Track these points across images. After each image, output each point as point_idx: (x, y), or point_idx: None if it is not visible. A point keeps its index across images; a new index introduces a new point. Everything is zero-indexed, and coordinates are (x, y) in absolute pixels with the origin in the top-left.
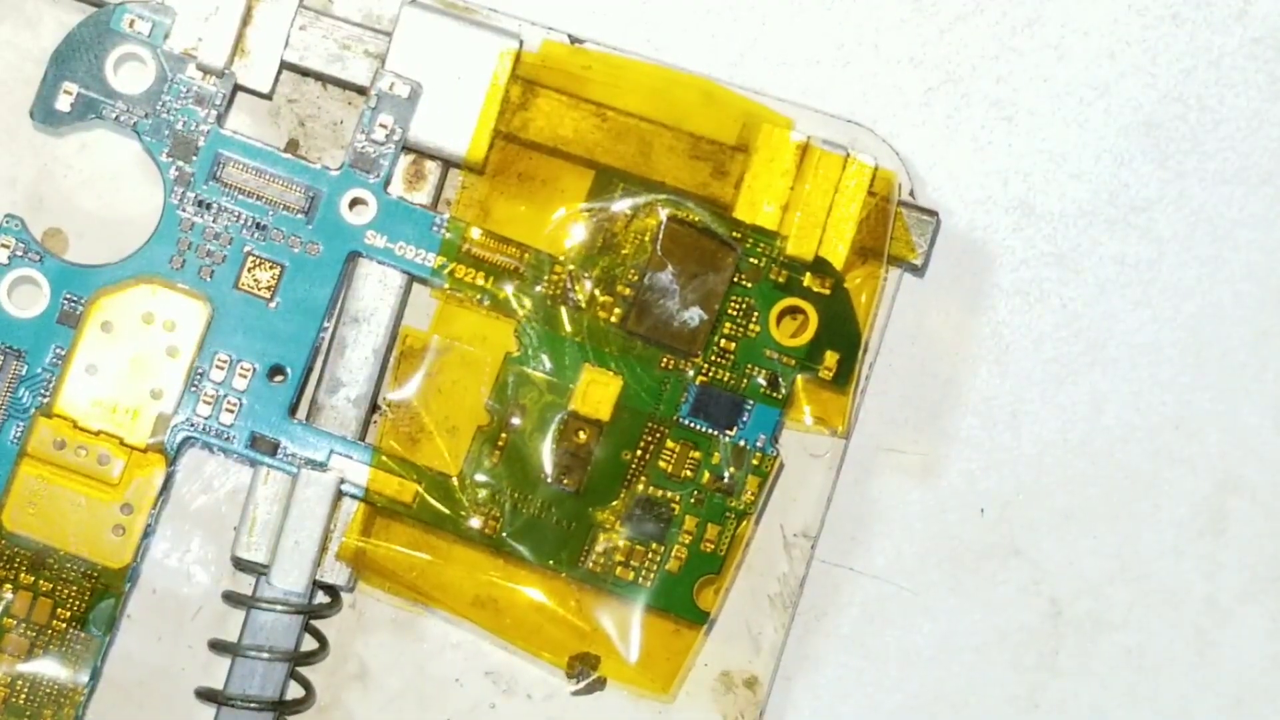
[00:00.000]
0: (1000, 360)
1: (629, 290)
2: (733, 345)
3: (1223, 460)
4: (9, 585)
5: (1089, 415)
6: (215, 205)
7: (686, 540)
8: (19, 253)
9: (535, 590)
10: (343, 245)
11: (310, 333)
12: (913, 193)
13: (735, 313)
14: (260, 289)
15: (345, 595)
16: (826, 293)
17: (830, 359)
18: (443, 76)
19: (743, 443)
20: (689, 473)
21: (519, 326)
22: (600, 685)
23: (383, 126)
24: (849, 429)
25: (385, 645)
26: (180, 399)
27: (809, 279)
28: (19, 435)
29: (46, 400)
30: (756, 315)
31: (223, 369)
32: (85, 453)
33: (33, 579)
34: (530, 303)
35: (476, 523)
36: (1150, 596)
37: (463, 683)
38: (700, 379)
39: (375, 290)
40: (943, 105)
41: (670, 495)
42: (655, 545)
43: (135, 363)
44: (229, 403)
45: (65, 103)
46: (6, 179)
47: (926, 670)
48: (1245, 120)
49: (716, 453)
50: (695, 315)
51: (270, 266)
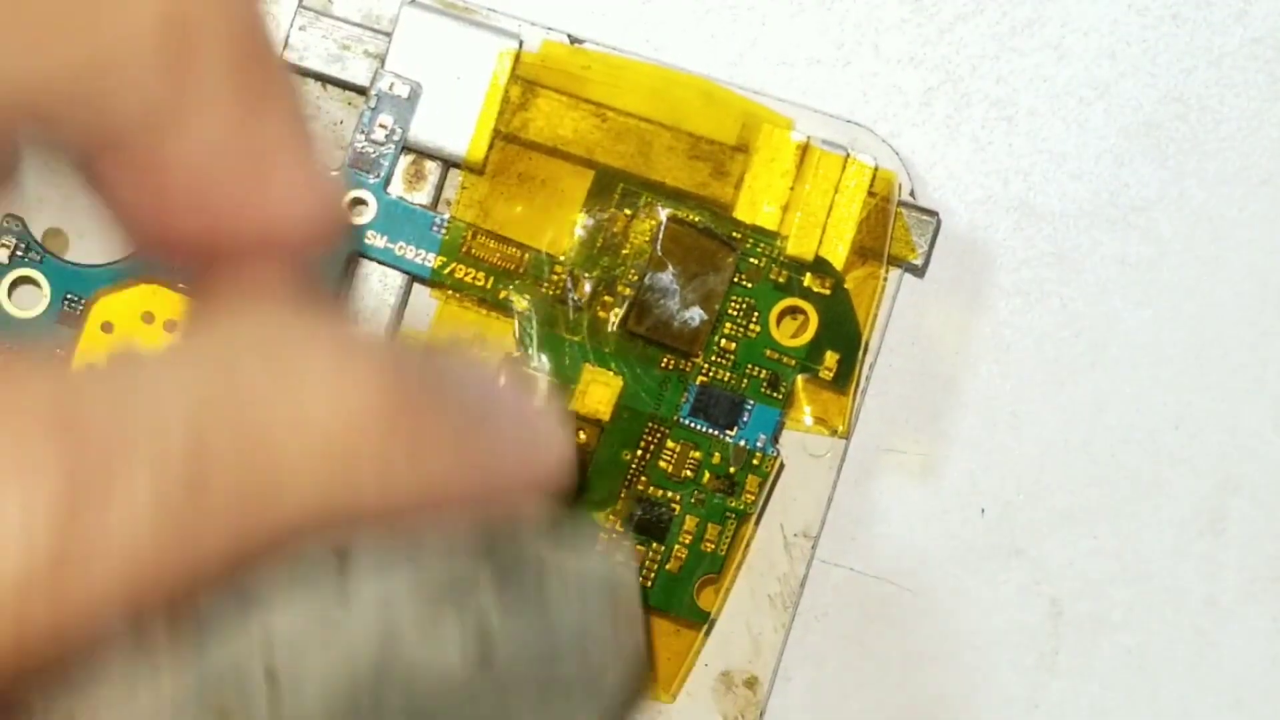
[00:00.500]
0: (1000, 360)
1: (629, 290)
2: (733, 345)
3: (1223, 460)
4: None
5: (1089, 415)
6: None
7: (686, 540)
8: (19, 253)
9: None
10: (343, 246)
11: None
12: (913, 193)
13: (735, 313)
14: None
15: None
16: (826, 293)
17: (830, 359)
18: (442, 77)
19: (743, 443)
20: (689, 473)
21: (519, 327)
22: None
23: (382, 127)
24: (849, 429)
25: None
26: None
27: (809, 279)
28: None
29: None
30: (756, 315)
31: None
32: None
33: None
34: (530, 303)
35: None
36: (1150, 596)
37: None
38: (700, 379)
39: (375, 291)
40: (943, 105)
41: (670, 495)
42: (655, 545)
43: None
44: None
45: None
46: (6, 179)
47: (926, 670)
48: (1245, 120)
49: (717, 453)
50: (695, 315)
51: None
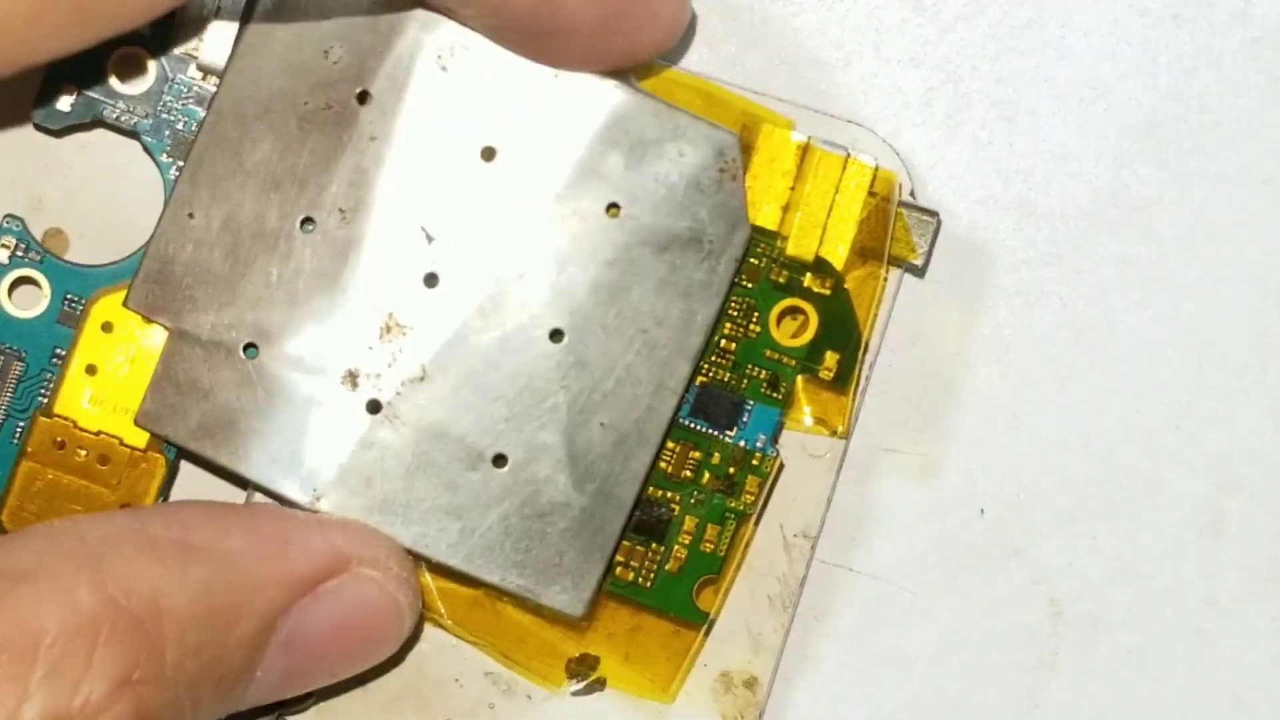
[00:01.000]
0: (1000, 360)
1: None
2: (733, 345)
3: (1223, 460)
4: None
5: (1089, 415)
6: None
7: (686, 540)
8: (19, 253)
9: None
10: None
11: None
12: (913, 193)
13: (735, 313)
14: None
15: None
16: (826, 293)
17: (830, 359)
18: None
19: (743, 443)
20: (689, 473)
21: None
22: (600, 686)
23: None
24: (849, 429)
25: None
26: None
27: (809, 279)
28: (19, 435)
29: (46, 400)
30: (756, 315)
31: None
32: (85, 453)
33: None
34: None
35: None
36: (1150, 596)
37: (462, 683)
38: (700, 379)
39: None
40: (943, 105)
41: (670, 495)
42: (655, 545)
43: (135, 363)
44: None
45: (65, 103)
46: (6, 179)
47: (926, 670)
48: (1245, 120)
49: (717, 453)
50: None
51: None
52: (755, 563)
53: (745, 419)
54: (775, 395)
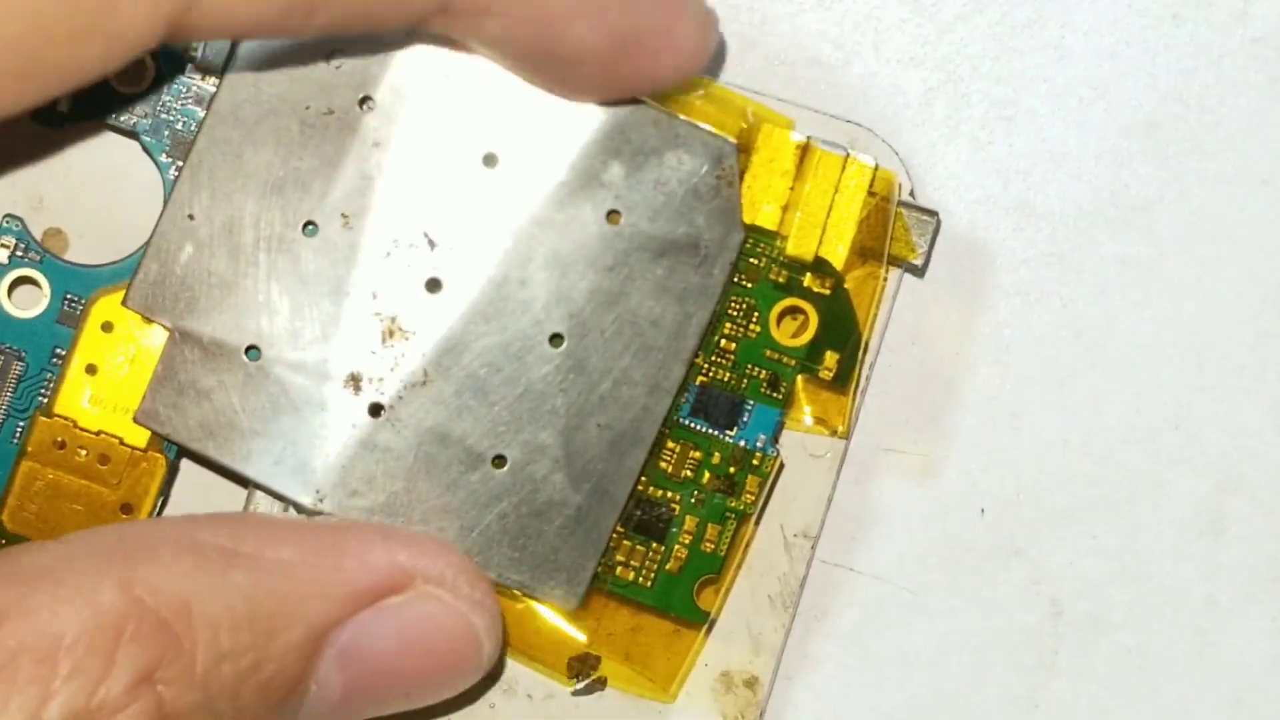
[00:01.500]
0: (1000, 360)
1: None
2: (733, 345)
3: (1223, 460)
4: None
5: (1089, 415)
6: None
7: (686, 540)
8: (19, 253)
9: None
10: None
11: None
12: (913, 193)
13: (735, 313)
14: None
15: None
16: (826, 293)
17: (830, 359)
18: None
19: (743, 443)
20: (689, 473)
21: None
22: (600, 685)
23: None
24: (849, 429)
25: None
26: None
27: (809, 279)
28: (19, 435)
29: (46, 400)
30: (756, 315)
31: None
32: (85, 453)
33: None
34: None
35: None
36: (1150, 596)
37: None
38: (700, 379)
39: None
40: (943, 105)
41: (670, 495)
42: (655, 545)
43: (135, 363)
44: None
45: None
46: (6, 179)
47: (926, 670)
48: (1245, 120)
49: (717, 453)
50: None
51: None
52: (756, 562)
53: (745, 419)
54: (775, 395)
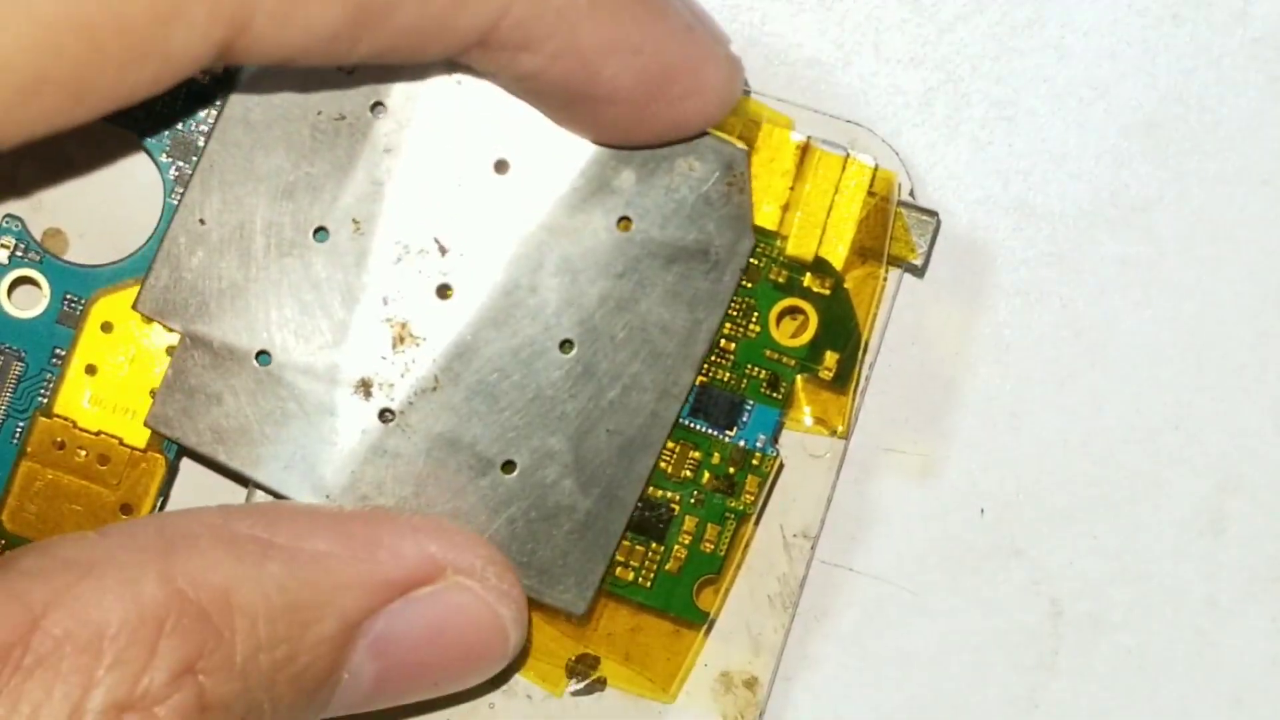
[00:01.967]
0: (1000, 360)
1: None
2: (733, 345)
3: (1223, 460)
4: None
5: (1089, 415)
6: None
7: (686, 540)
8: (19, 253)
9: None
10: None
11: None
12: (913, 193)
13: (735, 313)
14: None
15: None
16: (826, 293)
17: (830, 359)
18: None
19: (743, 443)
20: (689, 473)
21: None
22: (600, 686)
23: None
24: (849, 429)
25: None
26: None
27: (809, 279)
28: (19, 435)
29: (46, 400)
30: (756, 315)
31: None
32: (85, 453)
33: None
34: None
35: None
36: (1150, 596)
37: None
38: (700, 379)
39: None
40: (943, 105)
41: (670, 495)
42: (655, 545)
43: (135, 363)
44: None
45: None
46: (6, 179)
47: (926, 670)
48: (1245, 120)
49: (716, 453)
50: None
51: None
52: (755, 563)
53: (745, 419)
54: (775, 395)
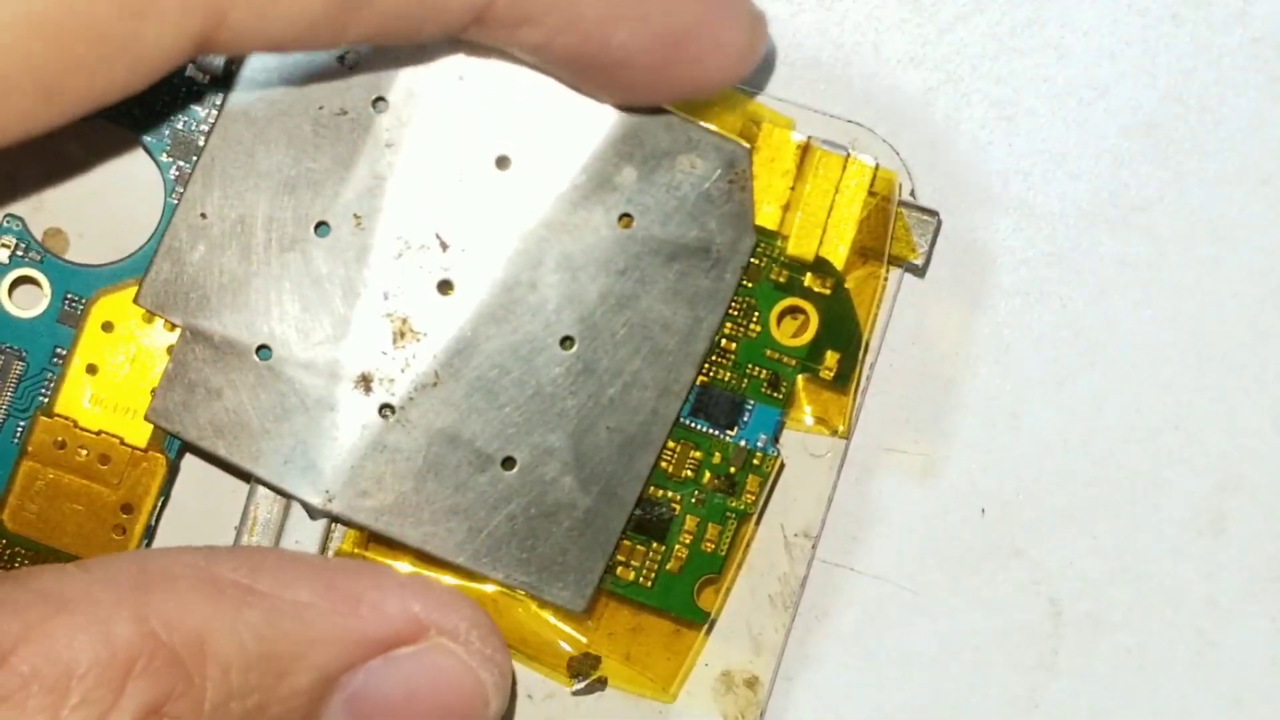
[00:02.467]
0: (1000, 360)
1: None
2: (733, 345)
3: (1223, 460)
4: None
5: (1089, 415)
6: None
7: (687, 540)
8: (19, 252)
9: None
10: None
11: None
12: (913, 193)
13: (735, 313)
14: None
15: None
16: (827, 293)
17: (830, 359)
18: None
19: (743, 443)
20: (689, 473)
21: None
22: (601, 685)
23: None
24: (849, 429)
25: None
26: None
27: (809, 279)
28: (19, 435)
29: (46, 400)
30: (756, 315)
31: None
32: (85, 453)
33: None
34: None
35: None
36: (1150, 596)
37: None
38: (701, 379)
39: None
40: (943, 105)
41: (670, 495)
42: (655, 545)
43: (136, 362)
44: None
45: None
46: (6, 179)
47: (926, 670)
48: (1245, 120)
49: (717, 452)
50: None
51: None
52: (756, 562)
53: (746, 419)
54: (776, 395)
